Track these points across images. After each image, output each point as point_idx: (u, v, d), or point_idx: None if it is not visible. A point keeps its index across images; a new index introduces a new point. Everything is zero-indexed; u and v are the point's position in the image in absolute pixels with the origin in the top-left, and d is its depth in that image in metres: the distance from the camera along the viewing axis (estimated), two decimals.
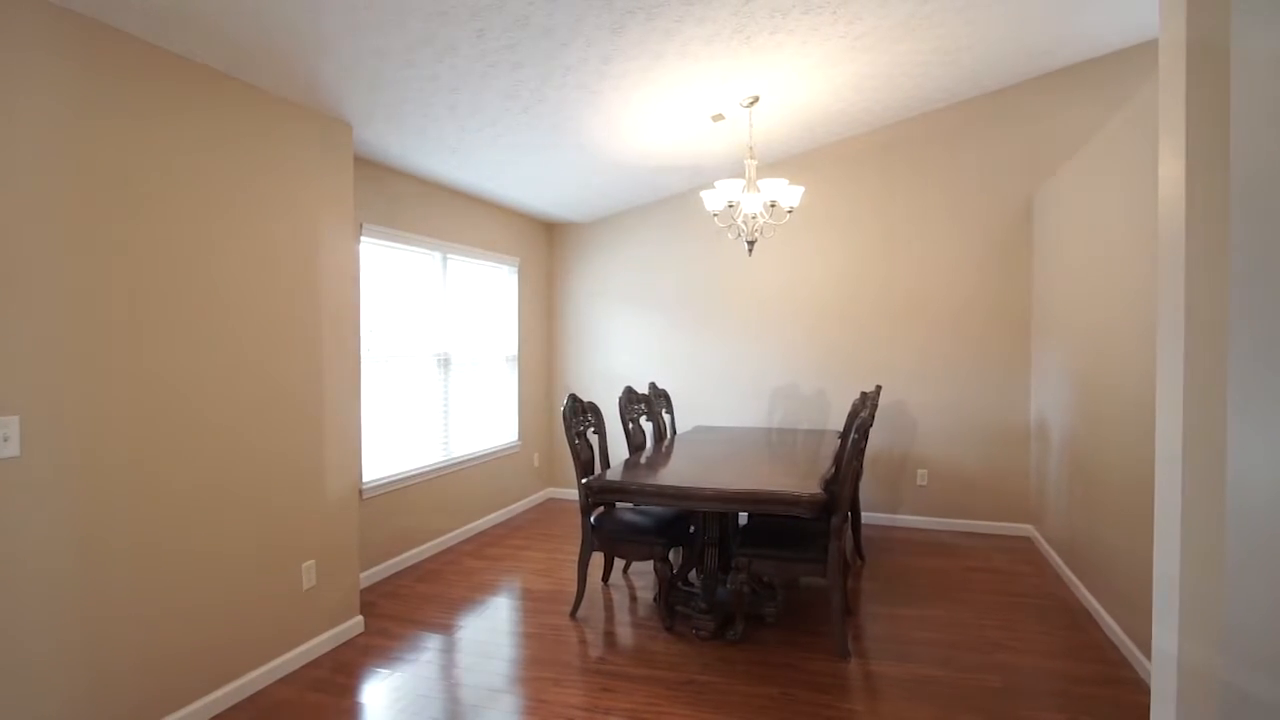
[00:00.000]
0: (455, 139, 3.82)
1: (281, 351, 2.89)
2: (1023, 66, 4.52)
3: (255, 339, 2.76)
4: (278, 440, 2.87)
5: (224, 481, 2.64)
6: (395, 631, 3.31)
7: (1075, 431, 3.82)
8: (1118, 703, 2.63)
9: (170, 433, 2.43)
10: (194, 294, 2.50)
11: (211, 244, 2.58)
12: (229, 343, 2.64)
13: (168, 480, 2.42)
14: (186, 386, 2.48)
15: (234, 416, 2.67)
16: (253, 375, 2.75)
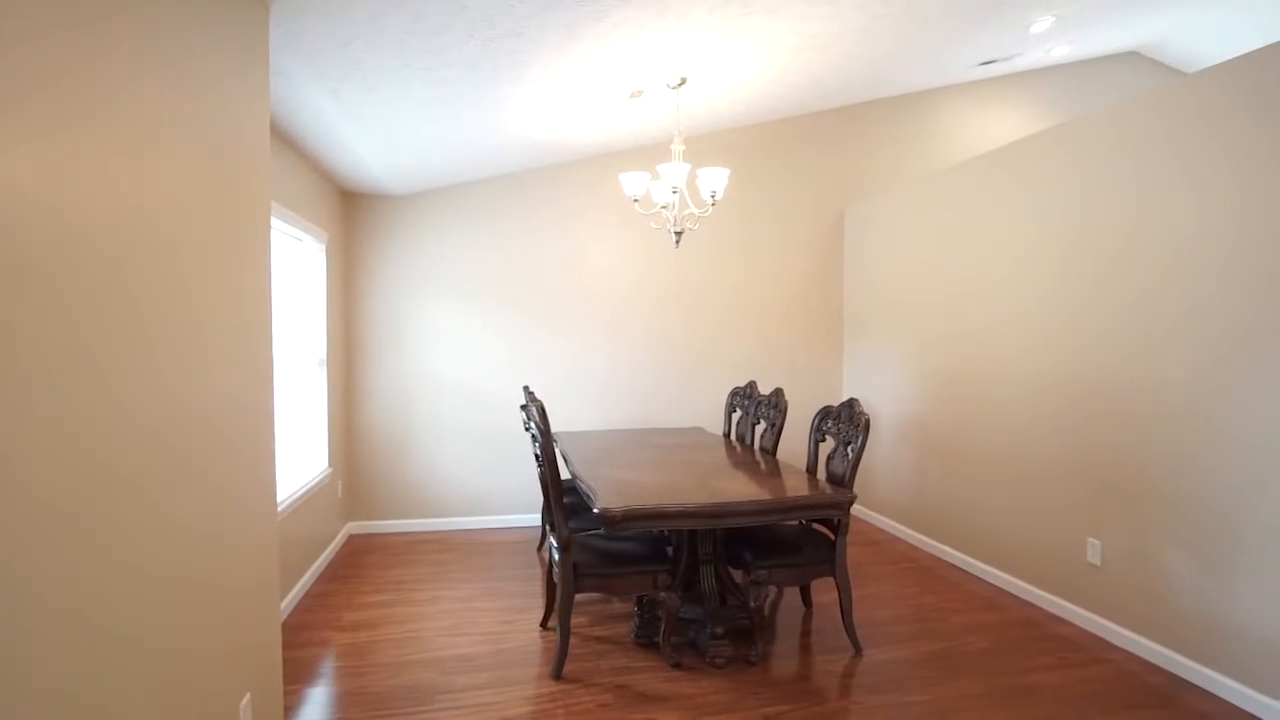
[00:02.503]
0: (347, 71, 2.79)
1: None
2: (867, 90, 5.14)
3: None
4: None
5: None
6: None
7: (925, 417, 4.48)
8: (1050, 635, 3.17)
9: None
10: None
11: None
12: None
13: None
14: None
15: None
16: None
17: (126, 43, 1.38)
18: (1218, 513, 2.68)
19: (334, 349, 4.45)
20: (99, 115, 1.29)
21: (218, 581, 1.79)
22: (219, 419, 1.80)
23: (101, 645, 1.29)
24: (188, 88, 1.63)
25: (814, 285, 5.46)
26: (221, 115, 1.82)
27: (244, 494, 1.97)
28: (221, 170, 1.83)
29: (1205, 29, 5.32)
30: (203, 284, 1.71)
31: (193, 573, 1.65)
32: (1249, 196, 2.57)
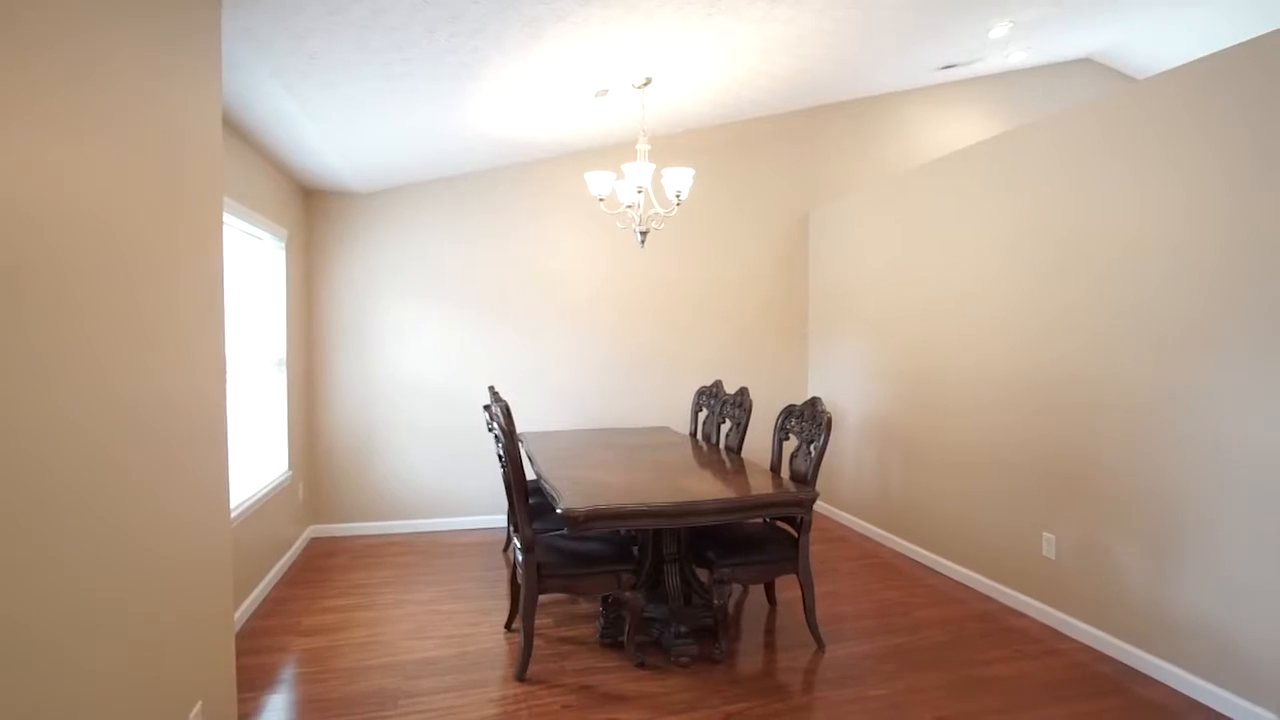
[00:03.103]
0: (309, 67, 2.74)
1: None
2: (838, 88, 5.20)
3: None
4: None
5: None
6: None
7: (888, 415, 4.55)
8: (1006, 627, 3.25)
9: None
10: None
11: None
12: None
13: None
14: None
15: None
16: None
17: (67, 32, 1.33)
18: (1164, 507, 2.77)
19: (295, 349, 4.36)
20: (37, 105, 1.25)
21: (165, 588, 1.74)
22: (166, 421, 1.75)
23: (37, 655, 1.25)
24: (133, 78, 1.59)
25: (780, 285, 5.51)
26: (169, 107, 1.78)
27: (194, 498, 1.92)
28: (169, 164, 1.78)
29: (1154, 39, 5.49)
30: (148, 281, 1.66)
31: (136, 580, 1.61)
32: (1195, 198, 2.66)
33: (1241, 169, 2.50)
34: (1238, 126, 2.52)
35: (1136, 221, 2.89)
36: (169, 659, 1.76)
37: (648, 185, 3.60)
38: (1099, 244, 3.06)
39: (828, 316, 5.32)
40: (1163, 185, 2.78)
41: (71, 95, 1.35)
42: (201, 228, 2.00)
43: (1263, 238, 2.43)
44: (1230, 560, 2.54)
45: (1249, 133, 2.48)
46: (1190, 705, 2.60)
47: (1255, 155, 2.46)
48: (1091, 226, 3.09)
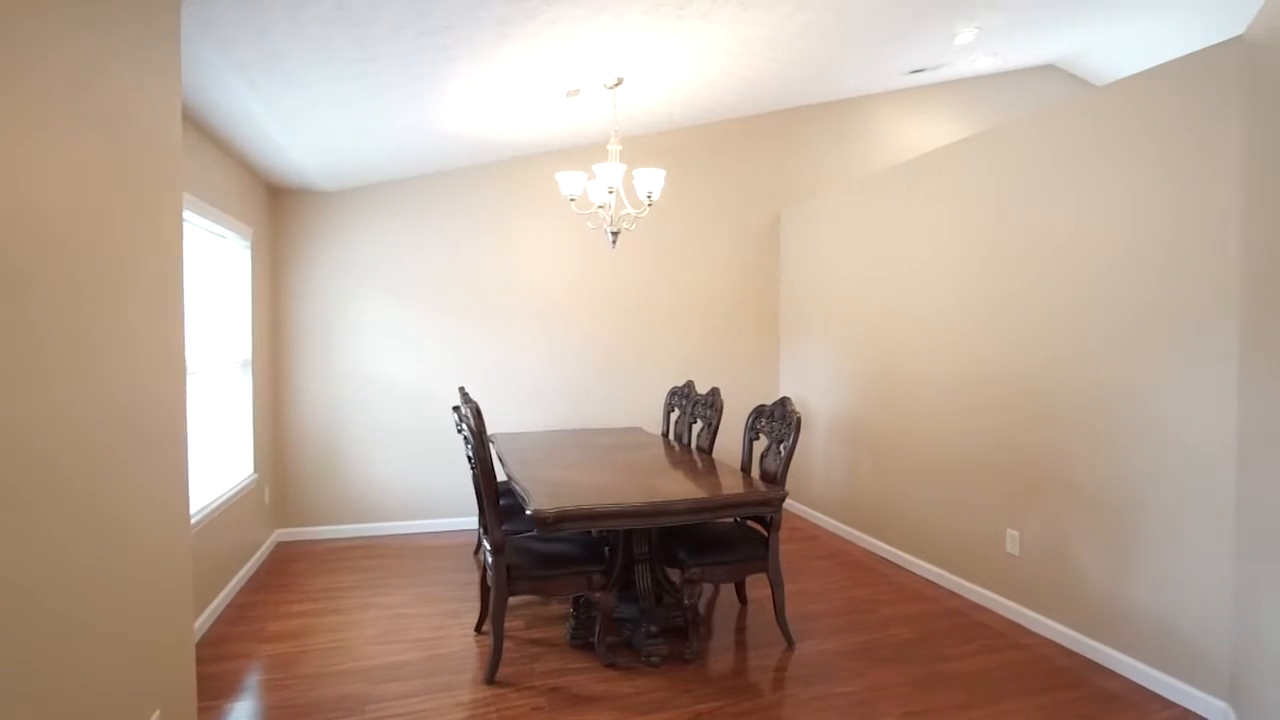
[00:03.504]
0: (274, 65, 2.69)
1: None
2: (808, 91, 5.24)
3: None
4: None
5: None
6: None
7: (858, 415, 4.60)
8: (972, 623, 3.30)
9: None
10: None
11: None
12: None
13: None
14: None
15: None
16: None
17: (18, 21, 1.29)
18: (1119, 503, 2.84)
19: (261, 350, 4.29)
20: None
21: (119, 594, 1.70)
22: (120, 425, 1.71)
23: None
24: (86, 70, 1.55)
25: (751, 286, 5.55)
26: (123, 100, 1.73)
27: (150, 502, 1.88)
28: (125, 160, 1.74)
29: (1114, 46, 5.63)
30: (100, 281, 1.62)
31: (87, 586, 1.57)
32: (1148, 202, 2.73)
33: (1188, 174, 2.57)
34: (1183, 133, 2.59)
35: (1093, 225, 2.95)
36: (123, 667, 1.72)
37: (619, 186, 3.60)
38: (1058, 247, 3.12)
39: (799, 317, 5.37)
40: (1118, 189, 2.85)
41: (13, 86, 1.31)
42: (160, 226, 1.95)
43: (1207, 240, 2.50)
44: (1181, 554, 2.61)
45: (1194, 139, 2.55)
46: (1147, 696, 2.66)
47: (1199, 160, 2.53)
48: (1050, 230, 3.16)
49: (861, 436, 4.58)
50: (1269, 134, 2.21)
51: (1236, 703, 2.39)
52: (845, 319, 4.75)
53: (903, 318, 4.16)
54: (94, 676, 1.58)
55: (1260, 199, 2.27)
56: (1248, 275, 2.36)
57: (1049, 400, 3.17)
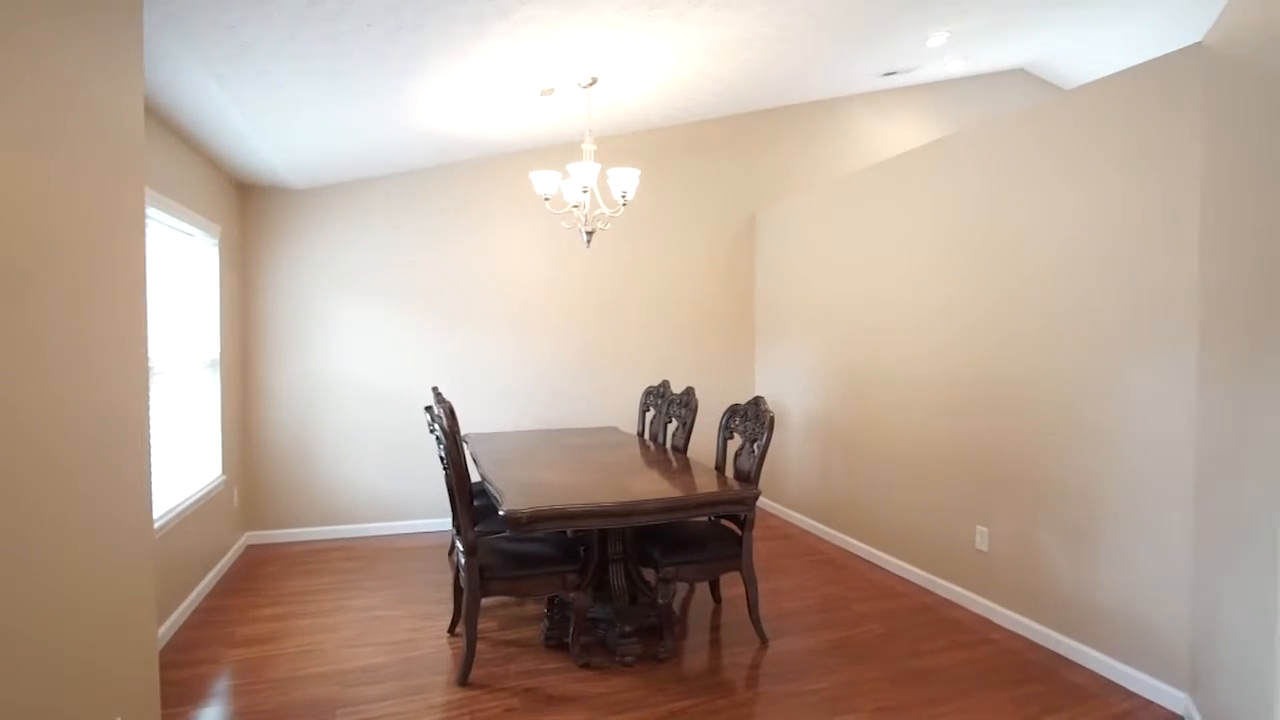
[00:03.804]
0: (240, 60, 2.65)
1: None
2: (780, 94, 5.27)
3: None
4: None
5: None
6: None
7: (832, 414, 4.64)
8: (943, 619, 3.35)
9: None
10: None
11: None
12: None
13: None
14: None
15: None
16: None
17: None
18: (1083, 499, 2.90)
19: (229, 350, 4.22)
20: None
21: (78, 599, 1.66)
22: (81, 427, 1.67)
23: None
24: (40, 59, 1.51)
25: (727, 286, 5.57)
26: (84, 92, 1.69)
27: (111, 506, 1.83)
28: (83, 153, 1.70)
29: (1081, 52, 5.73)
30: (59, 279, 1.58)
31: (45, 590, 1.53)
32: (1108, 205, 2.79)
33: (1151, 178, 2.63)
34: (1145, 138, 2.65)
35: (1060, 228, 3.01)
36: (82, 674, 1.68)
37: (593, 185, 3.59)
38: (1026, 250, 3.18)
39: (774, 316, 5.40)
40: (1085, 192, 2.91)
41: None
42: (121, 222, 1.91)
43: (1169, 244, 2.56)
44: (1143, 549, 2.66)
45: (1156, 144, 2.61)
46: (1111, 687, 2.72)
47: (1161, 165, 2.59)
48: (1019, 232, 3.21)
49: (835, 436, 4.62)
50: (1224, 139, 2.26)
51: (1195, 693, 2.45)
52: (820, 319, 4.79)
53: (876, 318, 4.21)
54: (51, 684, 1.54)
55: (1215, 204, 2.33)
56: (1205, 278, 2.42)
57: (1017, 399, 3.22)
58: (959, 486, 3.57)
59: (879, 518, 4.18)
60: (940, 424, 3.69)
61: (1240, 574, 2.07)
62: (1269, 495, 1.87)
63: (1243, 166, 2.11)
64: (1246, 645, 2.00)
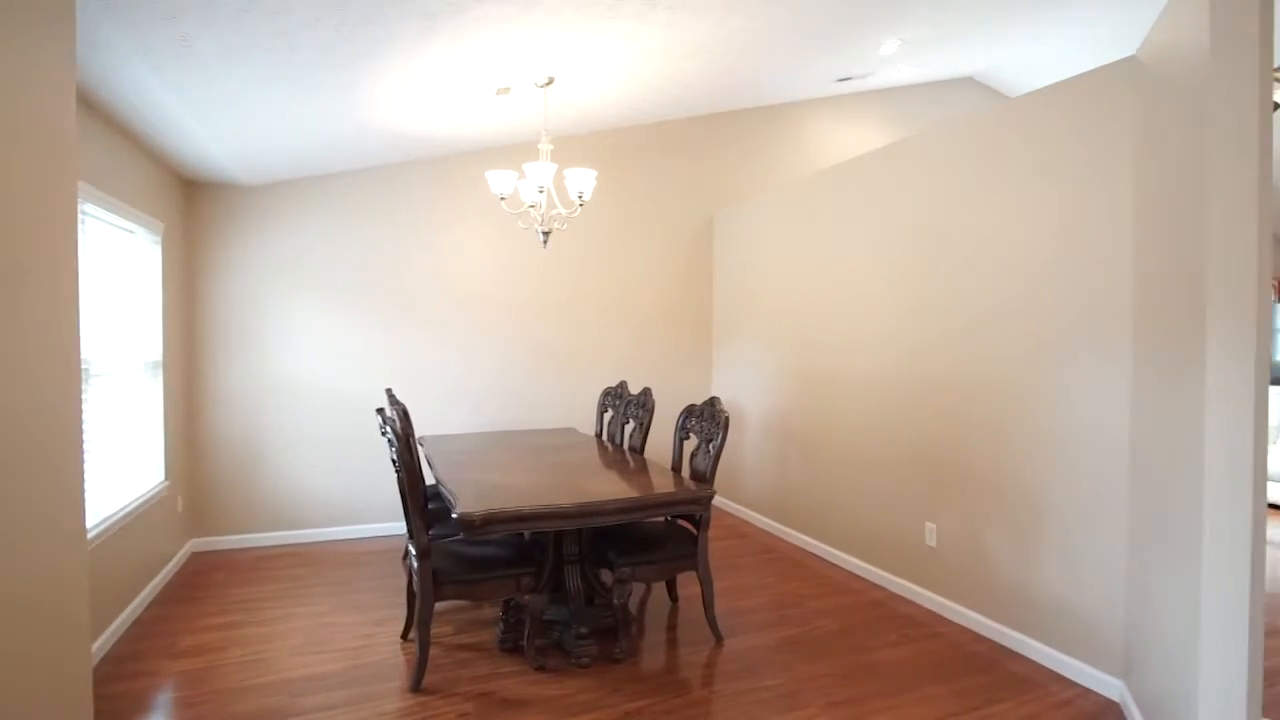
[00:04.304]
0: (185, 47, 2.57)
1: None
2: (735, 98, 5.31)
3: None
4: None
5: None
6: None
7: (788, 414, 4.70)
8: (894, 614, 3.43)
9: None
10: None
11: None
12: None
13: None
14: None
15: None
16: None
17: None
18: (1025, 495, 2.99)
19: (173, 351, 4.08)
20: None
21: (3, 609, 1.59)
22: (5, 432, 1.60)
23: None
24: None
25: (685, 286, 5.60)
26: (7, 83, 1.62)
27: (40, 515, 1.76)
28: (6, 146, 1.63)
29: (1026, 61, 5.92)
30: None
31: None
32: (1061, 207, 2.89)
33: (1089, 184, 2.73)
34: (1083, 145, 2.75)
35: (1007, 232, 3.10)
36: (8, 690, 1.60)
37: (550, 185, 3.58)
38: (974, 253, 3.27)
39: (732, 317, 5.45)
40: (1030, 197, 3.00)
41: None
42: (51, 218, 1.83)
43: (1106, 247, 2.66)
44: (1081, 542, 2.76)
45: (1093, 151, 2.71)
46: (1051, 677, 2.81)
47: (1098, 172, 2.69)
48: (967, 235, 3.30)
49: (792, 435, 4.69)
50: (1151, 147, 2.36)
51: (1129, 679, 2.56)
52: (777, 320, 4.85)
53: (831, 319, 4.28)
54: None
55: (1146, 210, 2.43)
56: (1137, 281, 2.53)
57: (965, 398, 3.31)
58: (910, 484, 3.65)
59: (833, 516, 4.25)
60: (892, 423, 3.77)
61: (1169, 565, 2.16)
62: (1192, 490, 1.95)
63: (1165, 174, 2.21)
64: (1174, 633, 2.09)
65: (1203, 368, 1.90)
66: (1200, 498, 1.90)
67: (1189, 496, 1.99)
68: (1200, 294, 1.92)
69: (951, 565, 3.40)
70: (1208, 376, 1.88)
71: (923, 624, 3.34)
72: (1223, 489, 1.86)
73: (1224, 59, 1.86)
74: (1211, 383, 1.87)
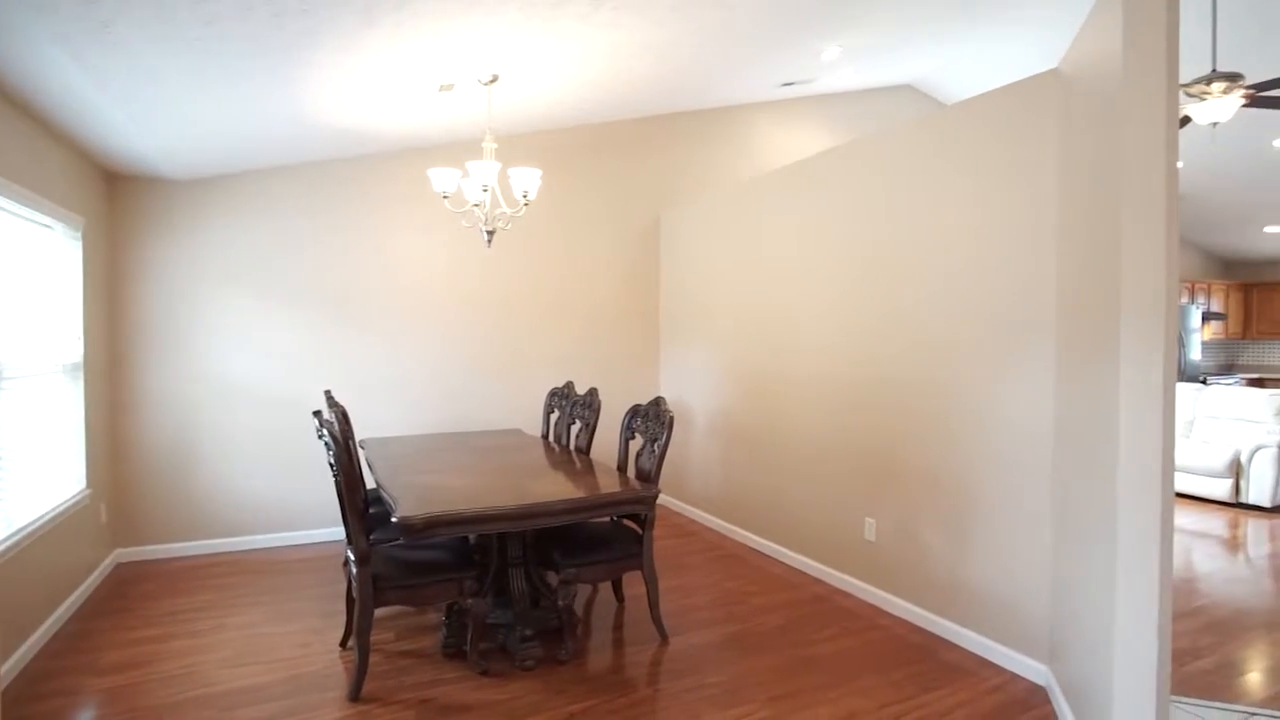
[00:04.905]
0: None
1: None
2: (676, 101, 5.34)
3: None
4: None
5: None
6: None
7: (734, 413, 4.76)
8: (835, 608, 3.51)
9: None
10: None
11: None
12: None
13: None
14: None
15: None
16: None
17: None
18: (957, 489, 3.10)
19: (95, 352, 3.89)
20: None
21: None
22: None
23: None
24: None
25: (632, 286, 5.62)
26: None
27: None
28: None
29: (964, 70, 6.14)
30: None
31: None
32: (991, 210, 3.00)
33: (1016, 189, 2.85)
34: (1012, 152, 2.86)
35: (942, 234, 3.21)
36: None
37: (494, 184, 3.54)
38: (910, 255, 3.37)
39: (678, 317, 5.49)
40: (962, 201, 3.11)
41: None
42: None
43: (1033, 250, 2.78)
44: (1010, 533, 2.88)
45: (1021, 158, 2.83)
46: (983, 664, 2.92)
47: (1025, 177, 2.81)
48: (905, 238, 3.40)
49: (737, 434, 4.75)
50: (1071, 155, 2.48)
51: (1054, 665, 2.67)
52: (722, 320, 4.91)
53: (774, 320, 4.35)
54: None
55: (1068, 215, 2.55)
56: (1061, 283, 2.65)
57: (902, 396, 3.41)
58: (850, 481, 3.74)
59: (777, 513, 4.32)
60: (833, 422, 3.86)
61: (1088, 554, 2.27)
62: (1105, 482, 2.06)
63: (1085, 181, 2.32)
64: (1093, 618, 2.20)
65: (1117, 365, 2.00)
66: (1115, 489, 2.00)
67: (1106, 488, 2.09)
68: (1116, 296, 2.02)
69: (890, 559, 3.50)
70: (1121, 373, 1.98)
71: (862, 617, 3.42)
72: (1135, 480, 1.96)
73: (1135, 74, 1.96)
74: (1125, 379, 1.97)
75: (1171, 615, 1.99)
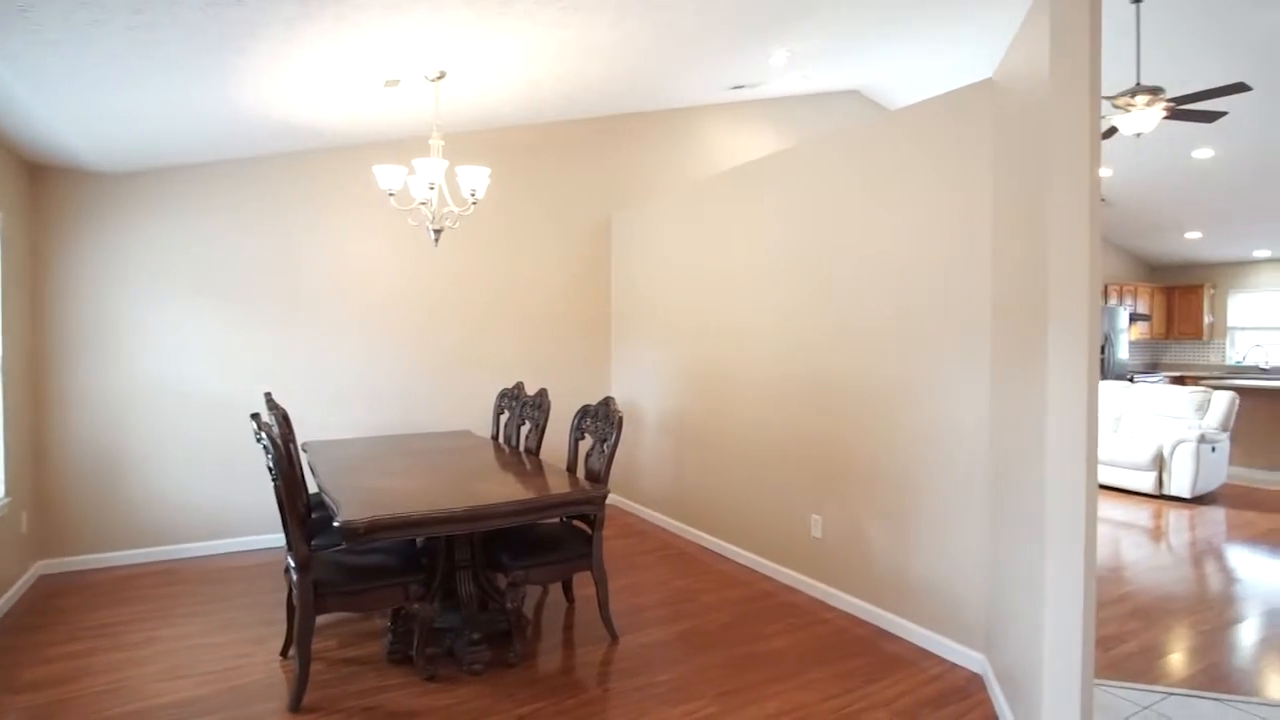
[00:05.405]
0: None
1: None
2: (632, 102, 5.35)
3: None
4: None
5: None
6: None
7: (684, 413, 4.80)
8: (782, 604, 3.57)
9: None
10: None
11: None
12: None
13: None
14: None
15: None
16: None
17: None
18: (900, 486, 3.19)
19: (13, 354, 3.69)
20: None
21: None
22: None
23: None
24: None
25: (582, 286, 5.61)
26: None
27: None
28: None
29: (910, 76, 6.31)
30: None
31: None
32: (929, 213, 3.09)
33: (955, 193, 2.95)
34: (951, 158, 2.96)
35: (883, 236, 3.30)
36: None
37: (441, 182, 3.49)
38: (855, 255, 3.45)
39: (629, 318, 5.50)
40: (906, 204, 3.20)
41: None
42: None
43: (970, 252, 2.88)
44: (949, 527, 2.97)
45: (959, 163, 2.93)
46: (924, 655, 3.01)
47: (963, 182, 2.91)
48: (849, 239, 3.48)
49: (687, 434, 4.78)
50: (1006, 162, 2.58)
51: (990, 654, 2.77)
52: (672, 321, 4.94)
53: (724, 319, 4.40)
54: None
55: (1001, 219, 2.64)
56: (994, 283, 2.74)
57: (845, 395, 3.49)
58: (797, 479, 3.81)
59: (726, 511, 4.37)
60: (781, 421, 3.92)
61: (1020, 545, 2.36)
62: (1032, 476, 2.14)
63: (1016, 186, 2.41)
64: (1024, 607, 2.28)
65: (1046, 365, 2.08)
66: (1043, 482, 2.08)
67: (1029, 482, 2.18)
68: (1045, 297, 2.10)
69: (835, 555, 3.57)
70: (1049, 370, 2.06)
71: (809, 612, 3.49)
72: (1061, 475, 2.04)
73: (1061, 85, 2.05)
74: (1052, 376, 2.06)
75: (1096, 603, 2.08)
